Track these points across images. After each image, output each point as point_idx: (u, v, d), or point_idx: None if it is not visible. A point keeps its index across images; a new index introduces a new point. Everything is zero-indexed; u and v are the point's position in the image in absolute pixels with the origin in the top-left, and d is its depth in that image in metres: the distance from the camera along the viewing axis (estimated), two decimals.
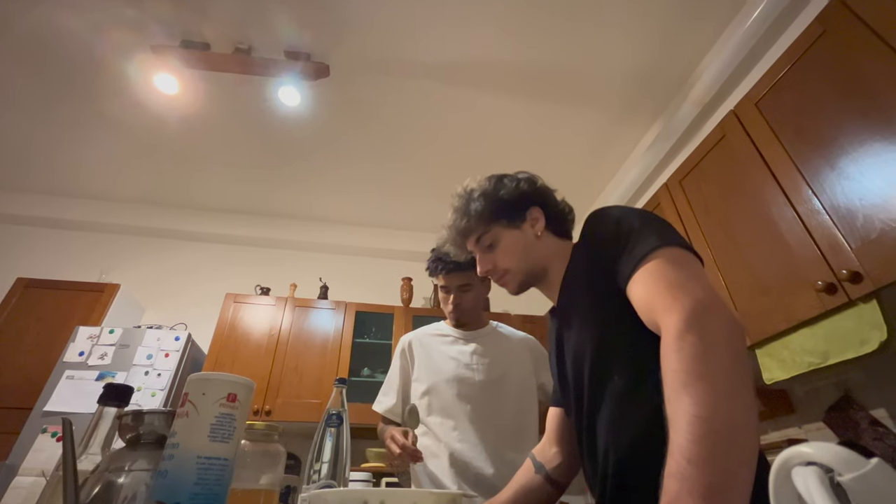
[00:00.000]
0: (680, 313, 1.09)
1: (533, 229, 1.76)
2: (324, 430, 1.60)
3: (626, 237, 1.38)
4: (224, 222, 6.67)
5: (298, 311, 5.54)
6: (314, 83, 4.65)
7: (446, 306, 2.79)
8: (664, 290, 1.18)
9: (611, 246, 1.41)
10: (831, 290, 2.30)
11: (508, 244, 1.76)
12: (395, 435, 2.23)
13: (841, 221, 2.32)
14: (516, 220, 1.77)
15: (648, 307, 1.22)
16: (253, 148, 5.58)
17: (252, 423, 1.38)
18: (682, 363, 1.01)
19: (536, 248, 1.75)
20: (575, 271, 1.61)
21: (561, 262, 1.70)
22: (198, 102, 4.96)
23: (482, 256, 1.83)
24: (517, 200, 1.78)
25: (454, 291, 2.74)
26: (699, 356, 1.01)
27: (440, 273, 2.71)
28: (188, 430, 1.01)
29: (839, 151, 2.37)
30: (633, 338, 1.33)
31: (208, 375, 1.06)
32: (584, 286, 1.53)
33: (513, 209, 1.78)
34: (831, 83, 2.47)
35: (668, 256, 1.27)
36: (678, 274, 1.22)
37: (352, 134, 5.36)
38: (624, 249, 1.36)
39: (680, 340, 1.05)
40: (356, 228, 6.93)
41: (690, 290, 1.15)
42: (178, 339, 4.90)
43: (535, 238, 1.75)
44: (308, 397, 4.96)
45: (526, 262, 1.74)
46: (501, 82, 4.71)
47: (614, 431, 1.39)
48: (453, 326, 2.87)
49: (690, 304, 1.10)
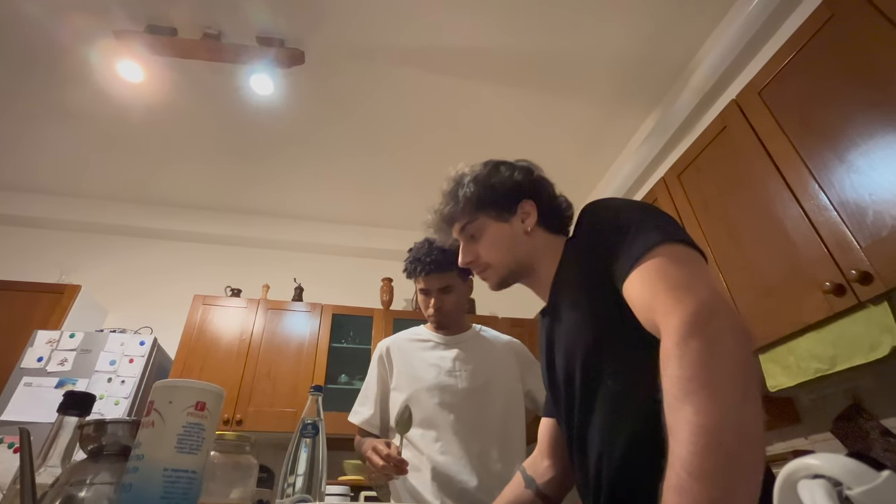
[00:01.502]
0: (683, 316, 1.06)
1: (523, 224, 1.75)
2: (298, 440, 1.59)
3: (625, 231, 1.35)
4: (192, 219, 6.67)
5: (271, 313, 5.53)
6: (288, 71, 4.64)
7: (427, 310, 2.79)
8: (666, 289, 1.15)
9: (607, 240, 1.39)
10: (839, 292, 2.29)
11: (494, 237, 1.76)
12: (377, 446, 2.22)
13: (850, 218, 2.31)
14: (505, 212, 1.76)
15: (647, 307, 1.19)
16: (223, 140, 5.57)
17: (222, 433, 1.37)
18: (686, 369, 0.99)
19: (524, 243, 1.74)
20: (567, 268, 1.60)
21: (552, 259, 1.69)
22: (164, 91, 4.93)
23: (465, 246, 1.84)
24: (509, 192, 1.77)
25: (435, 294, 2.74)
26: (704, 363, 0.99)
27: (419, 275, 2.70)
28: (154, 440, 1.00)
29: (848, 143, 2.36)
30: (628, 339, 1.31)
31: (175, 382, 1.06)
32: (577, 283, 1.52)
33: (503, 200, 1.77)
34: (839, 71, 2.46)
35: (670, 253, 1.24)
36: (681, 273, 1.19)
37: (329, 125, 5.36)
38: (622, 244, 1.33)
39: (683, 345, 1.02)
40: (333, 226, 6.94)
41: (695, 290, 1.12)
42: (143, 344, 4.88)
43: (524, 233, 1.74)
44: (282, 406, 4.96)
45: (510, 258, 1.74)
46: (489, 71, 4.71)
47: (607, 440, 1.38)
48: (434, 331, 2.87)
49: (695, 306, 1.07)
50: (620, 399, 1.36)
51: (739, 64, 3.97)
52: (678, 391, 0.98)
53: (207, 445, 1.06)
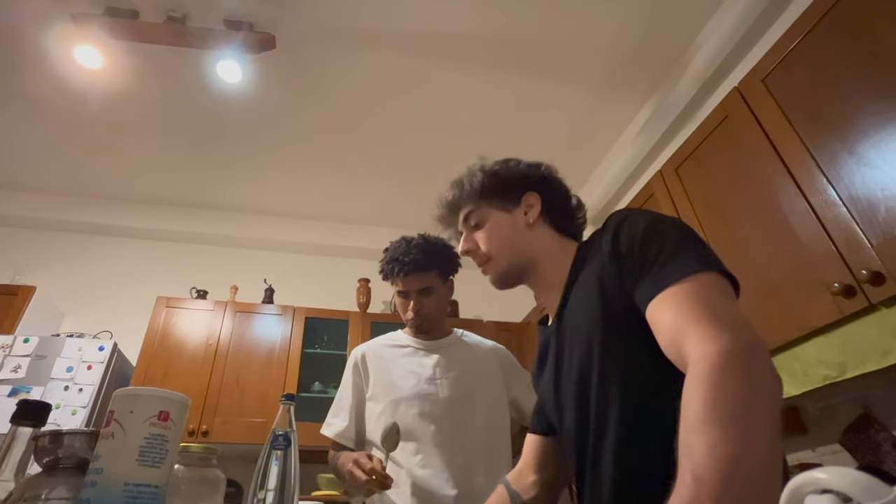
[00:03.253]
0: (726, 345, 1.07)
1: (525, 216, 1.78)
2: (269, 453, 1.57)
3: (659, 249, 1.36)
4: (155, 216, 6.64)
5: (240, 316, 5.53)
6: (258, 57, 4.61)
7: (405, 313, 2.79)
8: (706, 317, 1.15)
9: (638, 254, 1.39)
10: (849, 293, 2.29)
11: (495, 226, 1.80)
12: (360, 459, 2.22)
13: (860, 214, 2.31)
14: (509, 202, 1.81)
15: (678, 330, 1.19)
16: (188, 131, 5.54)
17: (187, 445, 1.38)
18: (721, 397, 1.00)
19: (525, 236, 1.77)
20: (583, 275, 1.60)
21: (556, 259, 1.72)
22: (124, 79, 4.89)
23: (466, 235, 1.88)
24: (513, 181, 1.83)
25: (414, 296, 2.74)
26: (743, 395, 0.99)
27: (397, 276, 2.71)
28: (114, 453, 1.01)
29: (858, 134, 2.36)
30: (647, 361, 1.33)
31: (137, 391, 1.07)
32: (595, 296, 1.50)
33: (506, 190, 1.82)
34: (849, 56, 2.46)
35: (710, 282, 1.26)
36: (722, 304, 1.20)
37: (301, 115, 5.34)
38: (654, 262, 1.34)
39: (722, 373, 1.03)
40: (306, 222, 6.94)
41: (738, 325, 1.13)
42: (102, 350, 4.86)
43: (526, 226, 1.77)
44: (251, 416, 4.95)
45: (511, 250, 1.76)
46: (473, 56, 4.70)
47: (622, 467, 1.39)
48: (413, 336, 2.86)
49: (739, 339, 1.08)
50: (638, 422, 1.37)
51: (742, 49, 3.98)
52: (708, 416, 0.98)
53: (171, 458, 1.07)
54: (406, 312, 2.78)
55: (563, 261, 1.70)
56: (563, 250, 1.73)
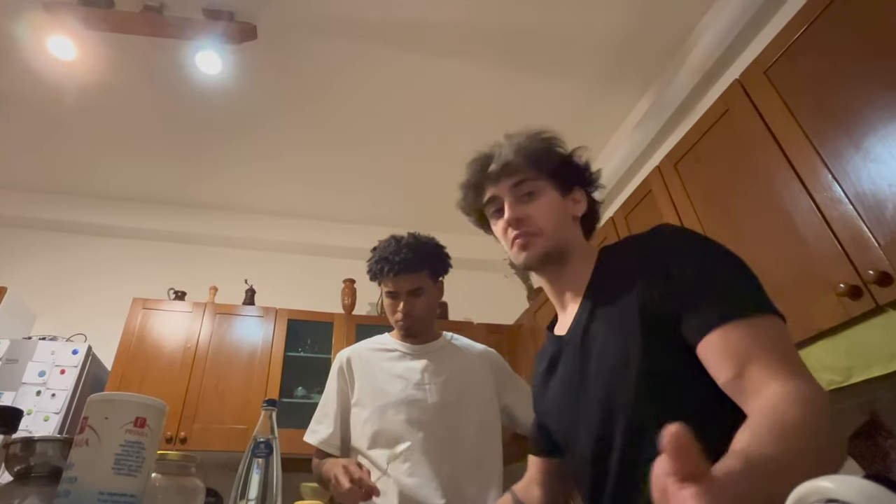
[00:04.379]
0: (803, 383, 1.14)
1: (573, 207, 1.81)
2: (250, 461, 1.59)
3: (717, 279, 1.38)
4: (131, 213, 6.66)
5: (220, 318, 5.56)
6: (238, 47, 4.62)
7: (394, 315, 2.78)
8: (780, 356, 1.21)
9: (691, 283, 1.39)
10: (855, 294, 2.27)
11: (553, 204, 1.77)
12: (350, 466, 2.19)
13: (867, 212, 2.30)
14: (564, 188, 1.81)
15: (745, 360, 1.22)
16: (165, 125, 5.55)
17: (164, 452, 1.40)
18: (798, 415, 1.05)
19: (570, 227, 1.78)
20: (617, 288, 1.56)
21: (581, 260, 1.74)
22: (99, 71, 4.90)
23: (515, 205, 1.77)
24: (574, 170, 1.86)
25: (404, 297, 2.72)
26: (814, 425, 1.05)
27: (386, 276, 2.69)
28: (88, 461, 1.02)
29: (865, 128, 2.35)
30: (691, 389, 1.35)
31: (112, 396, 1.08)
32: (636, 315, 1.46)
33: (568, 174, 1.83)
34: (856, 47, 2.45)
35: (777, 326, 1.29)
36: (791, 351, 1.25)
37: (283, 108, 5.36)
38: (710, 294, 1.35)
39: (800, 398, 1.09)
40: (289, 221, 6.97)
41: (810, 377, 1.19)
42: (76, 353, 4.89)
43: (571, 216, 1.79)
44: (231, 422, 4.98)
45: (559, 234, 1.74)
46: (462, 47, 4.71)
47: None
48: (401, 339, 2.86)
49: (814, 386, 1.15)
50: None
51: (744, 39, 3.98)
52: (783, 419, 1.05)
53: (148, 466, 1.08)
54: (395, 314, 2.76)
55: (588, 261, 1.73)
56: (589, 251, 1.77)
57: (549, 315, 1.90)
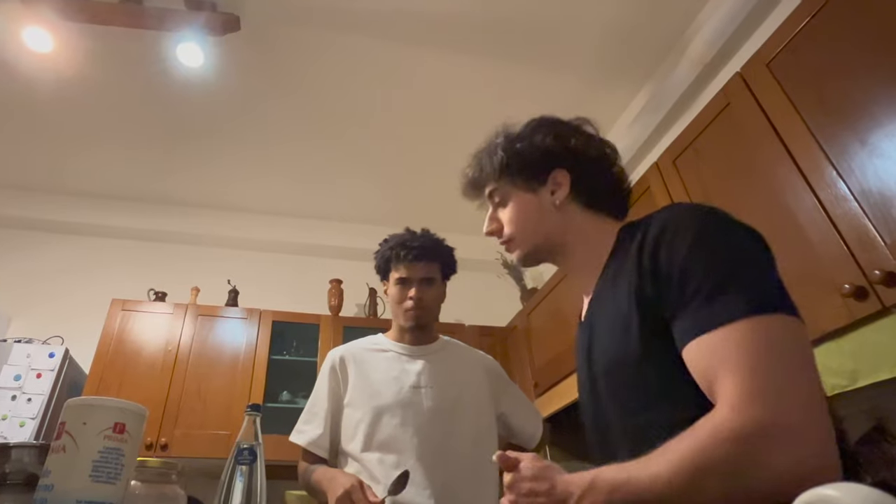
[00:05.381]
0: (746, 415, 1.07)
1: (552, 196, 1.74)
2: (233, 468, 1.58)
3: (704, 276, 1.26)
4: (110, 211, 6.61)
5: (202, 320, 5.53)
6: (221, 39, 4.59)
7: (402, 303, 2.77)
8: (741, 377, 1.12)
9: (677, 281, 1.30)
10: (861, 295, 2.28)
11: (518, 208, 1.78)
12: (353, 493, 2.19)
13: (873, 210, 2.30)
14: (534, 181, 1.77)
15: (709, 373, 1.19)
16: (145, 120, 5.52)
17: (144, 459, 1.38)
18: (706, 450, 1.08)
19: (553, 218, 1.74)
20: (619, 274, 1.52)
21: (593, 241, 1.70)
22: (77, 63, 4.86)
23: (491, 213, 1.88)
24: (537, 160, 1.77)
25: (416, 284, 2.74)
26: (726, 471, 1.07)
27: (403, 261, 2.72)
28: (65, 468, 1.02)
29: (871, 123, 2.36)
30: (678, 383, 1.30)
31: (90, 401, 1.07)
32: (633, 308, 1.42)
33: (530, 169, 1.77)
34: (861, 39, 2.46)
35: (761, 330, 1.17)
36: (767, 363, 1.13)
37: (268, 103, 5.34)
38: (695, 295, 1.26)
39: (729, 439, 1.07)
40: (273, 219, 6.94)
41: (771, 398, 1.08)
42: (52, 356, 4.85)
43: (553, 207, 1.73)
44: (213, 428, 4.95)
45: (535, 234, 1.76)
46: (453, 39, 4.71)
47: None
48: (397, 339, 2.86)
49: (762, 418, 1.06)
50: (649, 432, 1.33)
51: (745, 31, 3.98)
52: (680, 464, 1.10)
53: (127, 474, 1.08)
54: (404, 302, 2.76)
55: (598, 243, 1.68)
56: (599, 231, 1.70)
57: (545, 316, 1.91)
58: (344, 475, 2.33)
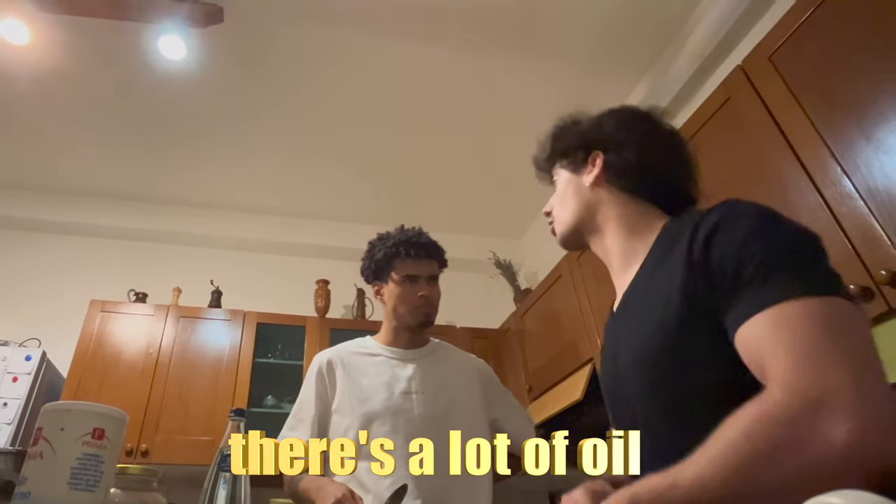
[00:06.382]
0: (800, 387, 1.04)
1: (588, 175, 1.84)
2: (216, 475, 1.59)
3: (760, 261, 1.24)
4: (88, 209, 6.60)
5: (184, 322, 5.54)
6: (204, 31, 4.58)
7: (412, 301, 2.76)
8: (797, 348, 1.09)
9: (731, 271, 1.28)
10: (867, 296, 2.28)
11: (562, 188, 1.93)
12: (345, 497, 2.19)
13: (879, 208, 2.30)
14: (576, 163, 1.90)
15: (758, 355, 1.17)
16: (125, 114, 5.51)
17: (124, 466, 1.40)
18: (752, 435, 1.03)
19: (585, 198, 1.84)
20: (663, 268, 1.52)
21: (624, 225, 1.76)
22: (55, 56, 4.85)
23: (552, 198, 2.01)
24: (574, 142, 1.92)
25: (425, 281, 2.74)
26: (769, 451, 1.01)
27: (411, 257, 2.73)
28: (42, 475, 1.02)
29: (877, 118, 2.35)
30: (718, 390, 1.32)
31: (68, 405, 1.07)
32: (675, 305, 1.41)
33: (570, 151, 1.93)
34: (866, 31, 2.45)
35: (823, 308, 1.13)
36: (821, 338, 1.09)
37: (252, 97, 5.34)
38: (750, 280, 1.24)
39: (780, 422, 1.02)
40: (257, 217, 6.93)
41: (831, 372, 1.04)
42: (29, 359, 4.86)
43: (588, 187, 1.83)
44: (196, 433, 4.96)
45: (570, 212, 1.87)
46: (444, 30, 4.70)
47: None
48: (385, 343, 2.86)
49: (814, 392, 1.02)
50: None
51: (746, 22, 3.98)
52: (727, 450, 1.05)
53: (107, 481, 1.07)
54: (414, 300, 2.74)
55: (637, 230, 1.73)
56: (639, 218, 1.75)
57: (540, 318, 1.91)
58: (333, 484, 2.31)
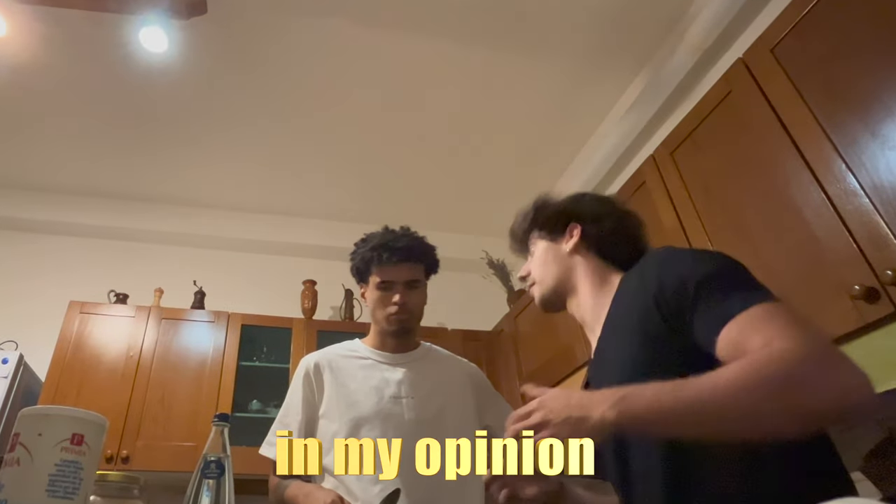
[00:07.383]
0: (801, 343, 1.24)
1: (567, 244, 2.07)
2: (199, 482, 1.56)
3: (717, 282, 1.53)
4: (67, 207, 6.56)
5: (166, 324, 5.51)
6: (187, 23, 4.51)
7: (385, 308, 2.75)
8: (783, 324, 1.31)
9: (693, 292, 1.53)
10: (872, 297, 2.28)
11: (541, 254, 2.15)
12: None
13: (885, 206, 2.30)
14: (555, 233, 2.13)
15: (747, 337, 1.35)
16: (105, 109, 5.48)
17: (104, 472, 1.44)
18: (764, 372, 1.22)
19: (563, 262, 2.08)
20: (621, 313, 1.81)
21: (595, 289, 1.99)
22: (32, 49, 4.81)
23: (527, 262, 2.24)
24: (555, 214, 2.16)
25: (400, 287, 2.72)
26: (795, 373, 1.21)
27: (384, 263, 2.70)
28: (19, 482, 1.02)
29: (882, 112, 2.35)
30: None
31: (46, 410, 1.07)
32: (638, 338, 1.67)
33: (551, 221, 2.16)
34: (871, 23, 2.46)
35: (780, 307, 1.39)
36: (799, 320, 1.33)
37: (236, 92, 5.32)
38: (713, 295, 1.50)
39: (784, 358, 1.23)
40: (242, 215, 6.91)
41: (821, 335, 1.33)
42: (6, 363, 4.82)
43: (567, 253, 2.07)
44: (178, 439, 4.94)
45: (550, 276, 2.10)
46: (433, 23, 4.69)
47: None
48: (376, 346, 2.85)
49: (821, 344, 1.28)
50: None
51: (748, 14, 3.99)
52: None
53: (86, 488, 1.07)
54: (387, 307, 2.73)
55: (603, 287, 1.97)
56: (604, 277, 2.00)
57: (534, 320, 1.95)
58: (321, 490, 2.31)
